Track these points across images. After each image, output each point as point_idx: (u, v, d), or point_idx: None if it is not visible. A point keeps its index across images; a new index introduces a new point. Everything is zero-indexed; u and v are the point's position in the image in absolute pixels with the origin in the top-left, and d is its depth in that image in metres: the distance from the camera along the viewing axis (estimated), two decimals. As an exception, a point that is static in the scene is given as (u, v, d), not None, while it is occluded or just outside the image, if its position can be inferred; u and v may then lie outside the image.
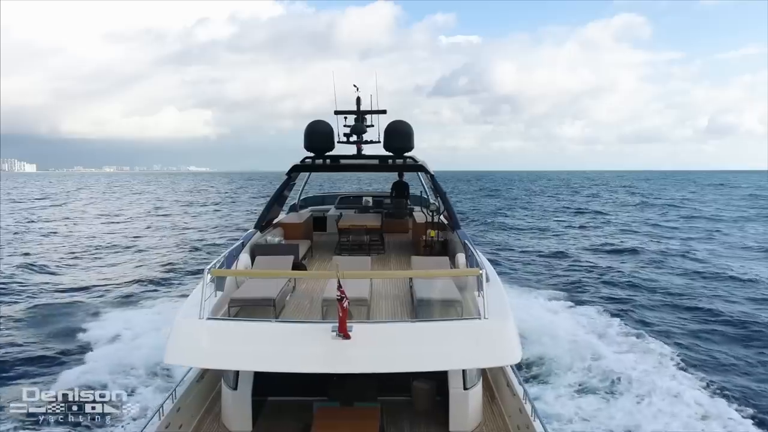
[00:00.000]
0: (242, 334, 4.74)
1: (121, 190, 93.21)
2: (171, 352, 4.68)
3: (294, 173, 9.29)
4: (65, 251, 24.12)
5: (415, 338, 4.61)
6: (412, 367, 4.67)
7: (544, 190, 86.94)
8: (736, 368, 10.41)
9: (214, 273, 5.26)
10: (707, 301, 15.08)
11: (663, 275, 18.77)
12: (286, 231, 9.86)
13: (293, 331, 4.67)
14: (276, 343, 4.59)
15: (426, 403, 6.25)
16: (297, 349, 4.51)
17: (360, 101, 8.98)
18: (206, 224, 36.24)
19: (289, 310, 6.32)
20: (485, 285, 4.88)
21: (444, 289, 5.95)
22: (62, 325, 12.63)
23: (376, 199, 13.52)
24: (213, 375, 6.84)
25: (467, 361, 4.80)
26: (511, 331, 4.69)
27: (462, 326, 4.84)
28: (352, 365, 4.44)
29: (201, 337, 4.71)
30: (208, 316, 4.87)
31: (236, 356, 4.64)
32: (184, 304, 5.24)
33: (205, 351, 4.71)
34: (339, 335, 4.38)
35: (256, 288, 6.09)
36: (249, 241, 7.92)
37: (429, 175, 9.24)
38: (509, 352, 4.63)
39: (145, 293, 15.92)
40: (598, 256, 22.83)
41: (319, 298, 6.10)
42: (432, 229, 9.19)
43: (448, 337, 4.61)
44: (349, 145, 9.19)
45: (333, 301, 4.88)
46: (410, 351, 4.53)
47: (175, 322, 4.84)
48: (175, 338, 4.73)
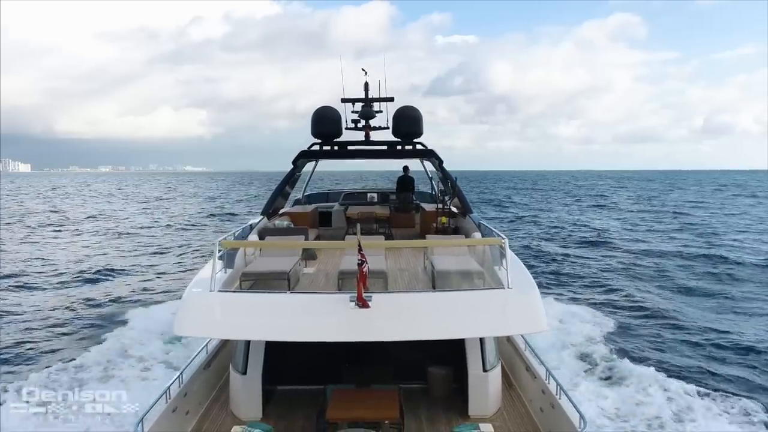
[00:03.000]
0: (256, 306, 4.58)
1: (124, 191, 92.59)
2: (181, 323, 4.51)
3: (301, 161, 9.05)
4: (64, 249, 24.02)
5: (437, 307, 4.47)
6: (435, 335, 4.45)
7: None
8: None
9: (225, 244, 5.09)
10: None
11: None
12: (293, 218, 9.65)
13: (310, 301, 4.52)
14: (291, 314, 4.43)
15: (443, 389, 6.05)
16: (314, 318, 4.33)
17: (368, 86, 8.74)
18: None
19: (304, 284, 6.12)
20: (508, 254, 4.75)
21: (463, 261, 5.78)
22: (63, 325, 12.58)
23: (381, 195, 13.33)
24: (220, 363, 6.65)
25: (493, 328, 4.70)
26: (536, 300, 4.59)
27: (485, 295, 4.74)
28: (372, 334, 4.25)
29: (213, 308, 4.54)
30: (219, 289, 4.72)
31: (250, 327, 4.46)
32: (194, 278, 5.06)
33: (218, 322, 4.54)
34: (357, 304, 4.18)
35: (268, 263, 5.91)
36: (257, 226, 7.70)
37: (438, 161, 9.09)
38: (536, 320, 4.52)
39: (152, 296, 15.87)
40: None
41: (334, 273, 5.91)
42: (443, 215, 9.00)
43: (471, 306, 4.51)
44: (357, 132, 8.97)
45: (349, 273, 4.72)
46: (431, 319, 4.35)
47: (185, 294, 4.67)
48: (186, 310, 4.57)
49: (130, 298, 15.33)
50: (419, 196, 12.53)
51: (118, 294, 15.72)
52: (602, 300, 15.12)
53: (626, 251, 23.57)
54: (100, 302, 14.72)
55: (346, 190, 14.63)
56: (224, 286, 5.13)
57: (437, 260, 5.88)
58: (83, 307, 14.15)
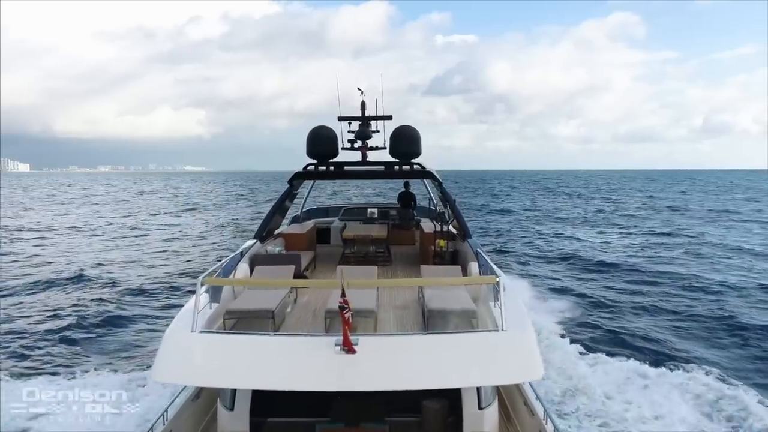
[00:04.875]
0: (238, 349, 4.41)
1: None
2: (160, 369, 4.32)
3: (296, 181, 8.86)
4: (66, 247, 24.03)
5: (428, 352, 4.30)
6: (423, 384, 4.30)
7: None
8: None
9: (207, 282, 4.93)
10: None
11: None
12: (287, 241, 9.47)
13: (294, 345, 4.38)
14: (275, 358, 4.28)
15: (437, 424, 5.74)
16: (298, 364, 4.20)
17: (365, 106, 8.59)
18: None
19: (290, 322, 5.95)
20: (502, 294, 4.57)
21: (457, 298, 5.57)
22: (63, 325, 12.54)
23: (381, 210, 13.06)
24: (210, 393, 6.45)
25: (485, 377, 4.44)
26: (532, 344, 4.39)
27: (478, 339, 4.54)
28: (359, 382, 4.09)
29: (193, 351, 4.39)
30: (202, 328, 4.58)
31: (232, 373, 4.29)
32: (176, 316, 4.90)
33: (198, 367, 4.38)
34: (343, 349, 4.05)
35: (254, 299, 5.73)
36: (248, 252, 7.57)
37: (437, 183, 8.90)
38: (531, 368, 4.29)
39: (148, 296, 15.87)
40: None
41: (322, 309, 5.74)
42: (441, 238, 8.71)
43: (464, 351, 4.34)
44: (353, 152, 8.76)
45: (337, 312, 4.50)
46: (422, 366, 4.23)
47: (166, 335, 4.50)
48: (165, 353, 4.38)
49: (131, 297, 15.33)
50: (420, 212, 12.40)
51: (120, 294, 15.73)
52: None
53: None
54: (100, 302, 14.67)
55: (346, 204, 14.46)
56: (208, 323, 5.04)
57: (429, 296, 5.67)
58: (84, 307, 14.10)
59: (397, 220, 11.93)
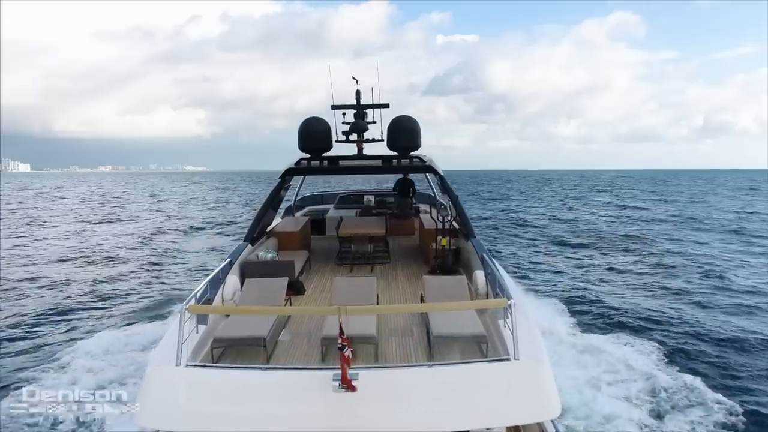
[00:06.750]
0: (228, 386, 4.11)
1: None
2: (144, 410, 4.00)
3: (288, 176, 8.43)
4: (66, 248, 23.98)
5: (433, 387, 4.02)
6: (429, 426, 3.99)
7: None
8: None
9: (192, 310, 4.57)
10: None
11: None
12: (280, 241, 9.08)
13: (288, 380, 4.07)
14: (267, 396, 4.02)
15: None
16: (293, 404, 3.93)
17: (360, 95, 8.15)
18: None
19: (283, 348, 5.57)
20: (514, 316, 4.20)
21: (464, 321, 5.18)
22: (64, 325, 12.54)
23: (378, 198, 12.50)
24: None
25: (495, 418, 4.06)
26: (547, 376, 4.03)
27: (489, 370, 4.17)
28: (359, 425, 3.83)
29: (178, 390, 4.06)
30: (188, 360, 4.26)
31: (221, 415, 3.98)
32: (159, 347, 4.58)
33: (184, 409, 4.03)
34: (342, 387, 3.81)
35: (243, 324, 5.26)
36: (238, 259, 7.19)
37: (438, 177, 8.48)
38: (547, 405, 3.95)
39: (149, 301, 15.84)
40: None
41: (317, 332, 5.43)
42: (443, 236, 8.22)
43: (473, 386, 4.03)
44: (348, 144, 8.35)
45: (333, 339, 4.21)
46: (427, 406, 3.95)
47: (148, 372, 4.19)
48: (149, 391, 4.09)
49: (131, 298, 15.31)
50: (420, 198, 11.92)
51: (121, 294, 15.69)
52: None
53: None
54: (101, 302, 14.68)
55: (341, 192, 13.78)
56: (194, 351, 4.72)
57: (434, 319, 5.28)
58: (84, 307, 14.11)
59: (396, 209, 11.32)
